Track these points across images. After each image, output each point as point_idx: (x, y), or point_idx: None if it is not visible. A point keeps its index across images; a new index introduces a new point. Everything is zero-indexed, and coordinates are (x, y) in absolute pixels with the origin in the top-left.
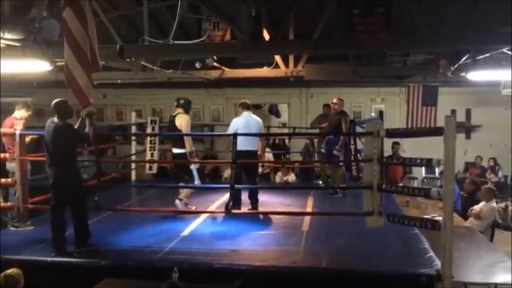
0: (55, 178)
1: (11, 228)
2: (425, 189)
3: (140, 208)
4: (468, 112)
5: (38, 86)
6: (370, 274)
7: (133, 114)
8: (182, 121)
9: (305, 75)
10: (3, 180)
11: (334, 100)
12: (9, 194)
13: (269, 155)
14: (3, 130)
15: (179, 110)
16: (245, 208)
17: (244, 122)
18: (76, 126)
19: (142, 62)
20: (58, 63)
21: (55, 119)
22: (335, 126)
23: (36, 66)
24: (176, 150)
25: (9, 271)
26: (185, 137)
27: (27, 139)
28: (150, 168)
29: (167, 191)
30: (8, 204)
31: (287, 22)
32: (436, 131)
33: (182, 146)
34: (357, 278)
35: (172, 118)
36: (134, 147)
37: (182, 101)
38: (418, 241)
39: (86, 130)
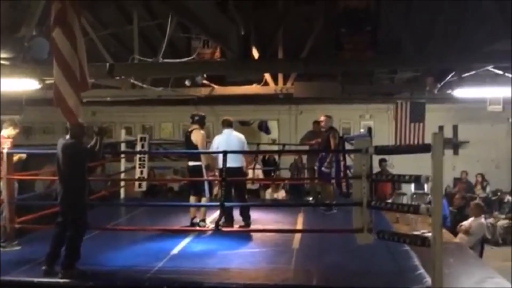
0: (62, 195)
1: None
2: (414, 205)
3: (129, 226)
4: (455, 128)
5: (26, 103)
6: None
7: (123, 131)
8: (198, 137)
9: (294, 93)
10: None
11: (321, 118)
12: None
13: (258, 172)
14: None
15: (195, 126)
16: (236, 225)
17: (225, 140)
18: (91, 144)
19: (132, 80)
20: (47, 81)
21: (67, 136)
22: (325, 144)
23: (25, 84)
24: (191, 163)
25: None
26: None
27: (15, 158)
28: (140, 185)
29: (156, 209)
30: None
31: (276, 41)
32: (424, 148)
33: (198, 159)
34: None
35: (188, 134)
36: (123, 164)
37: (197, 118)
38: (408, 258)
39: (97, 147)
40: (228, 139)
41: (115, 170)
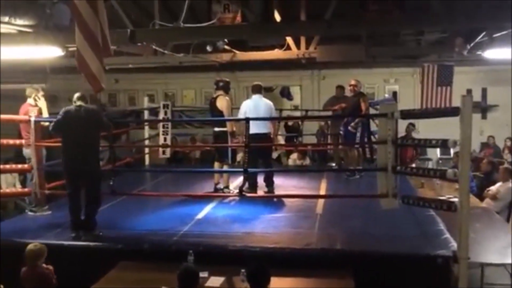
0: (82, 162)
1: (29, 213)
2: (440, 170)
3: (154, 192)
4: (484, 92)
5: (51, 72)
6: (385, 255)
7: (146, 98)
8: (223, 103)
9: (317, 57)
10: (20, 166)
11: (352, 82)
12: (27, 180)
13: (279, 138)
14: (19, 117)
15: (219, 92)
16: (260, 191)
17: (252, 105)
18: None
19: (153, 46)
20: (70, 49)
21: (80, 103)
22: (354, 108)
23: (48, 52)
24: (217, 129)
25: (32, 245)
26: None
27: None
28: (164, 152)
29: (181, 175)
30: (26, 189)
31: (298, 2)
32: (452, 111)
33: (223, 125)
34: (372, 260)
35: (213, 100)
36: (147, 131)
37: (221, 84)
38: (433, 223)
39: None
40: (256, 105)
41: (139, 137)
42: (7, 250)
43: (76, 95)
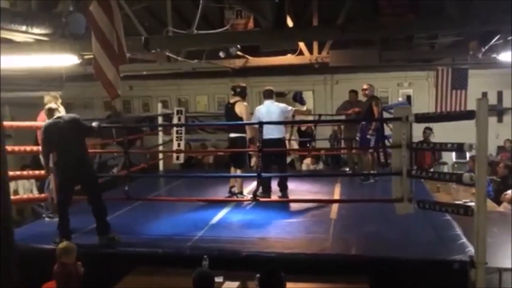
0: (77, 168)
1: (46, 219)
2: (457, 174)
3: (169, 197)
4: (499, 95)
5: (67, 79)
6: (401, 261)
7: (159, 105)
8: (242, 109)
9: (330, 62)
10: (37, 172)
11: (364, 86)
12: (44, 186)
13: (293, 143)
14: (36, 123)
15: (237, 98)
16: (274, 196)
17: (265, 111)
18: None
19: (167, 53)
20: (86, 57)
21: (61, 114)
22: (367, 112)
23: (65, 60)
24: (233, 134)
25: (62, 244)
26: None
27: None
28: (177, 158)
29: (194, 180)
30: (42, 195)
31: (311, 8)
32: (468, 115)
33: (239, 131)
34: (388, 265)
35: (231, 106)
36: (161, 137)
37: (238, 89)
38: (450, 227)
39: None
40: (268, 111)
41: (153, 143)
42: (24, 255)
43: (47, 108)
